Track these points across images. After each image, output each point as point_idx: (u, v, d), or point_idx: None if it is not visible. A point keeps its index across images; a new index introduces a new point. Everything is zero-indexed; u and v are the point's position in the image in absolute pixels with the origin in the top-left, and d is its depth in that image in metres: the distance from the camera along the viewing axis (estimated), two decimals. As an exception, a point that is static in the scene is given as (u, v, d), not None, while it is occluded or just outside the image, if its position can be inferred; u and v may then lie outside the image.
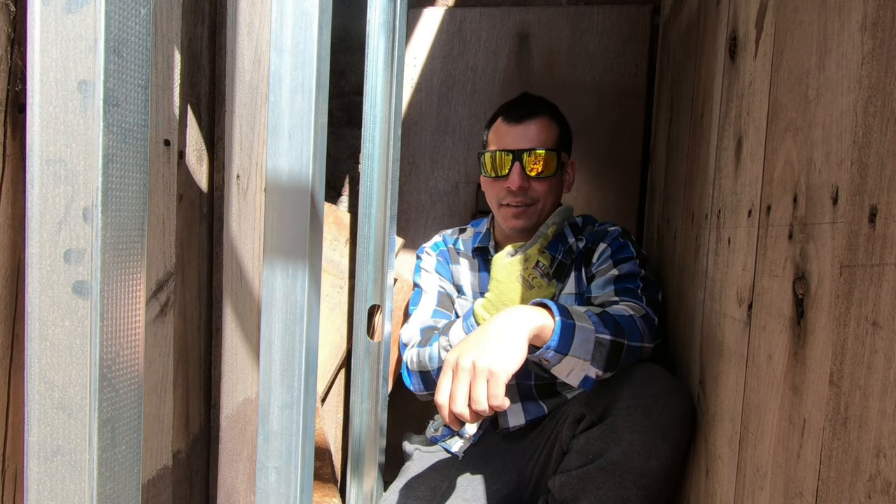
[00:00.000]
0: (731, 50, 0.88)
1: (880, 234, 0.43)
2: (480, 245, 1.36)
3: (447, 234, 1.45)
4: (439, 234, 1.46)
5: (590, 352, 0.92)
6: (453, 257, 1.41)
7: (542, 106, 1.28)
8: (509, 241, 1.32)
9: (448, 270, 1.41)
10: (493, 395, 0.84)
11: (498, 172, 1.23)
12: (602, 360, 0.94)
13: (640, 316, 1.05)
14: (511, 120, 1.24)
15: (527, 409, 1.27)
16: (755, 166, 0.73)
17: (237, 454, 1.09)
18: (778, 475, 0.60)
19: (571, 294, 1.27)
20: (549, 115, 1.26)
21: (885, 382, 0.41)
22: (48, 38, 0.51)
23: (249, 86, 1.03)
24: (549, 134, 1.24)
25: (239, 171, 1.05)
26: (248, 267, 1.06)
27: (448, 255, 1.41)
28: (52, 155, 0.52)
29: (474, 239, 1.39)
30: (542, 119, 1.25)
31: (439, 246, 1.43)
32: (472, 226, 1.45)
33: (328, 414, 1.74)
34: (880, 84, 0.44)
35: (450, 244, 1.42)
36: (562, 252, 1.27)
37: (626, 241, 1.24)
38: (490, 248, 1.34)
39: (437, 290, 1.38)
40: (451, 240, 1.43)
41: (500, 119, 1.27)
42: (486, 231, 1.38)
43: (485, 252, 1.35)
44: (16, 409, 0.68)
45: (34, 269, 0.53)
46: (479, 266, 1.37)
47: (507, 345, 0.86)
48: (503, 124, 1.26)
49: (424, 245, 1.44)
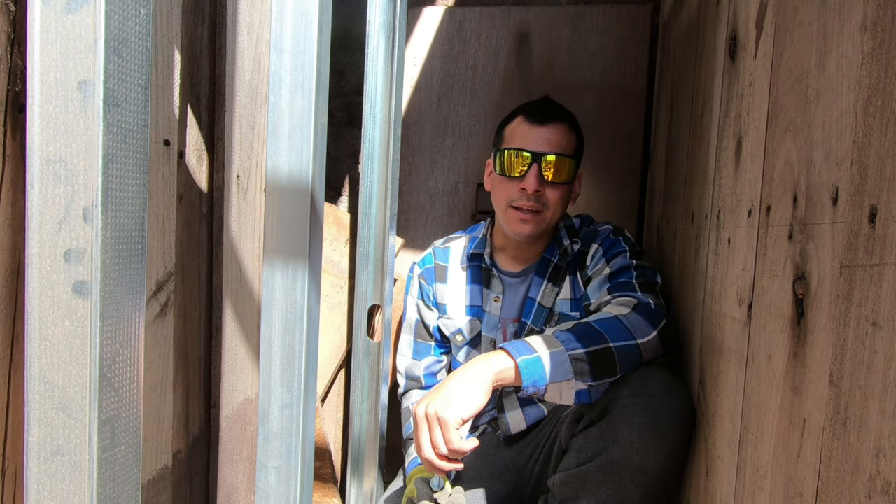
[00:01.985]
0: (731, 50, 0.88)
1: (880, 234, 0.43)
2: (476, 251, 1.33)
3: (437, 246, 1.42)
4: (431, 246, 1.44)
5: (569, 371, 0.92)
6: (439, 275, 1.38)
7: (564, 113, 1.26)
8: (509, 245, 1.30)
9: (429, 293, 1.39)
10: (447, 440, 0.89)
11: (513, 172, 1.21)
12: (587, 373, 0.93)
13: (632, 308, 1.02)
14: (534, 121, 1.22)
15: (527, 413, 1.27)
16: (755, 166, 0.73)
17: (237, 454, 1.09)
18: (778, 475, 0.60)
19: (567, 299, 1.25)
20: (569, 122, 1.25)
21: (885, 382, 0.41)
22: (48, 38, 0.51)
23: (249, 86, 1.03)
24: (570, 141, 1.23)
25: (239, 171, 1.05)
26: (248, 267, 1.06)
27: (433, 273, 1.39)
28: (52, 155, 0.52)
29: (470, 245, 1.36)
30: (565, 125, 1.23)
31: (426, 262, 1.41)
32: (468, 232, 1.41)
33: (328, 414, 1.74)
34: (880, 84, 0.44)
35: (439, 259, 1.39)
36: (557, 255, 1.26)
37: (617, 237, 1.22)
38: (485, 255, 1.31)
39: (415, 319, 1.42)
40: (440, 252, 1.40)
41: (521, 117, 1.24)
42: (482, 237, 1.35)
43: (479, 259, 1.33)
44: (16, 409, 0.68)
45: (34, 269, 0.53)
46: (470, 277, 1.35)
47: (462, 392, 0.90)
48: (525, 124, 1.23)
49: (415, 261, 1.44)
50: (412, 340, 1.42)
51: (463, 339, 1.34)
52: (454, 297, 1.35)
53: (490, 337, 1.31)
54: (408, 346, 1.42)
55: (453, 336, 1.36)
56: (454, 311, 1.35)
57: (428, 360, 1.40)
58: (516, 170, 1.20)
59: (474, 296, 1.34)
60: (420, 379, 1.40)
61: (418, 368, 1.40)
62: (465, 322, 1.33)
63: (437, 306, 1.39)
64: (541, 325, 1.25)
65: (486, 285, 1.32)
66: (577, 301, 1.25)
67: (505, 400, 1.29)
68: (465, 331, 1.34)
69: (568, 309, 1.25)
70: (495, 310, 1.30)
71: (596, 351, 0.94)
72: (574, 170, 1.23)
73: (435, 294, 1.38)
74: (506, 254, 1.32)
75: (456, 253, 1.38)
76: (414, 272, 1.42)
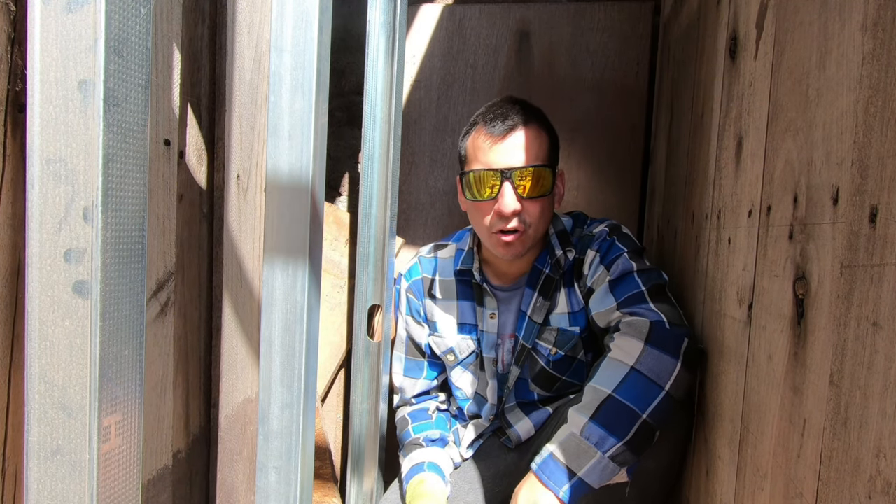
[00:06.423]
0: (731, 50, 0.88)
1: (881, 234, 0.43)
2: (464, 267, 1.22)
3: (423, 256, 1.31)
4: (416, 255, 1.34)
5: (615, 469, 0.87)
6: (426, 290, 1.29)
7: (526, 113, 1.11)
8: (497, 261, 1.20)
9: (418, 307, 1.31)
10: None
11: (484, 195, 1.08)
12: (632, 459, 0.87)
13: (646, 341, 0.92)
14: (496, 132, 1.07)
15: (533, 418, 1.23)
16: (755, 166, 0.73)
17: (237, 454, 1.09)
18: (778, 475, 0.60)
19: (564, 314, 1.16)
20: (536, 122, 1.11)
21: (885, 383, 0.41)
22: (48, 37, 0.51)
23: (249, 86, 1.03)
24: (540, 146, 1.09)
25: (239, 170, 1.04)
26: (248, 267, 1.06)
27: (421, 286, 1.30)
28: (52, 154, 0.52)
29: (456, 258, 1.25)
30: (530, 129, 1.09)
31: (413, 275, 1.31)
32: (454, 241, 1.30)
33: (328, 414, 1.74)
34: (881, 84, 0.44)
35: (425, 271, 1.30)
36: (549, 266, 1.16)
37: (613, 239, 1.11)
38: (474, 271, 1.21)
39: (405, 337, 1.34)
40: (427, 263, 1.30)
41: (479, 130, 1.10)
42: (468, 250, 1.24)
43: (468, 275, 1.22)
44: (16, 409, 0.68)
45: (34, 269, 0.53)
46: (459, 293, 1.24)
47: None
48: (485, 138, 1.08)
49: (402, 272, 1.35)
50: (404, 358, 1.35)
51: (455, 360, 1.28)
52: (444, 315, 1.27)
53: (491, 357, 1.23)
54: (399, 362, 1.36)
55: (444, 356, 1.29)
56: (445, 329, 1.27)
57: (421, 384, 1.34)
58: (487, 192, 1.07)
59: (466, 313, 1.25)
60: (411, 401, 1.35)
61: (409, 391, 1.35)
62: (456, 341, 1.26)
63: (427, 322, 1.31)
64: (532, 340, 1.18)
65: (478, 303, 1.23)
66: (575, 315, 1.16)
67: (509, 415, 1.25)
68: (456, 350, 1.27)
69: (566, 324, 1.16)
70: (492, 328, 1.22)
71: (633, 434, 0.87)
72: (552, 177, 1.10)
73: (425, 310, 1.30)
74: (496, 267, 1.23)
75: (443, 265, 1.28)
76: (402, 285, 1.34)
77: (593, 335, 1.17)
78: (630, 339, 0.93)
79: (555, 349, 1.17)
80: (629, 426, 0.86)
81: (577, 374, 1.19)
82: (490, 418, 1.28)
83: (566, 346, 1.16)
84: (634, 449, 0.87)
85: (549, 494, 0.87)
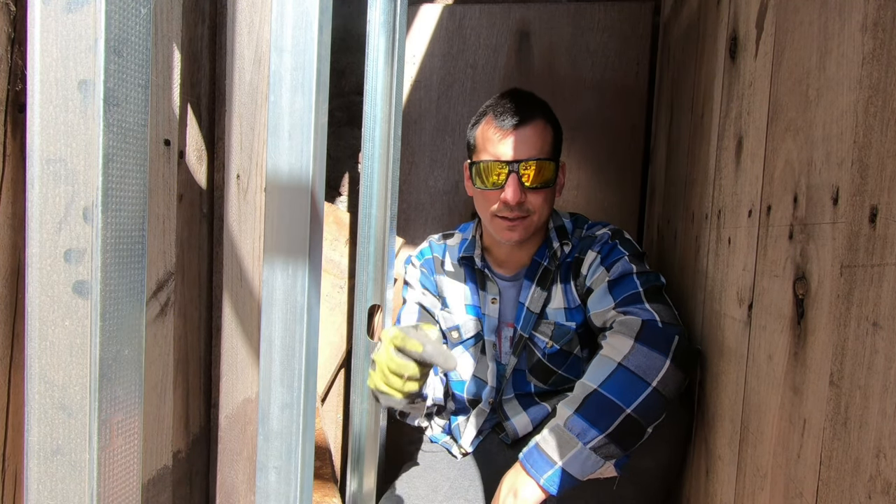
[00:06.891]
0: (731, 50, 0.88)
1: (881, 234, 0.43)
2: (466, 254, 1.29)
3: (433, 241, 1.38)
4: (427, 239, 1.40)
5: (598, 460, 0.89)
6: (437, 267, 1.35)
7: (535, 107, 1.18)
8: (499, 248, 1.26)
9: (432, 282, 1.35)
10: None
11: (491, 184, 1.16)
12: (617, 452, 0.89)
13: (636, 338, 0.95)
14: (505, 126, 1.15)
15: (531, 414, 1.25)
16: (755, 166, 0.73)
17: (237, 454, 1.09)
18: (778, 475, 0.60)
19: (560, 309, 1.21)
20: (543, 117, 1.17)
21: (885, 383, 0.41)
22: (48, 37, 0.51)
23: (249, 86, 1.03)
24: (546, 140, 1.16)
25: (239, 170, 1.04)
26: (248, 267, 1.06)
27: (433, 264, 1.36)
28: (52, 155, 0.52)
29: (460, 246, 1.32)
30: (537, 123, 1.15)
31: (425, 254, 1.37)
32: (460, 231, 1.38)
33: (328, 414, 1.74)
34: (881, 84, 0.44)
35: (436, 252, 1.36)
36: (547, 258, 1.21)
37: (615, 242, 1.16)
38: (476, 257, 1.27)
39: (417, 305, 1.35)
40: (437, 247, 1.37)
41: (489, 122, 1.17)
42: (472, 238, 1.31)
43: (470, 262, 1.29)
44: (16, 409, 0.68)
45: (34, 269, 0.53)
46: (465, 276, 1.32)
47: None
48: (495, 130, 1.15)
49: (412, 254, 1.40)
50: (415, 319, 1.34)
51: (458, 338, 1.31)
52: (454, 293, 1.32)
53: (491, 341, 1.28)
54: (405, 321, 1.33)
55: (449, 332, 1.32)
56: (454, 305, 1.32)
57: None
58: (494, 181, 1.15)
59: (471, 295, 1.30)
60: None
61: None
62: (463, 320, 1.31)
63: (438, 296, 1.35)
64: (529, 330, 1.22)
65: (481, 287, 1.29)
66: (571, 311, 1.20)
67: (507, 406, 1.27)
68: (462, 329, 1.31)
69: (563, 319, 1.21)
70: (493, 312, 1.27)
71: (616, 427, 0.88)
72: (555, 170, 1.17)
73: (437, 284, 1.34)
74: (497, 256, 1.28)
75: (451, 251, 1.35)
76: (413, 263, 1.37)
77: (590, 332, 1.20)
78: (621, 336, 0.97)
79: (551, 342, 1.21)
80: (612, 419, 0.89)
81: (573, 369, 1.23)
82: (490, 401, 1.29)
83: (562, 340, 1.20)
84: (619, 442, 0.89)
85: (531, 481, 0.91)
